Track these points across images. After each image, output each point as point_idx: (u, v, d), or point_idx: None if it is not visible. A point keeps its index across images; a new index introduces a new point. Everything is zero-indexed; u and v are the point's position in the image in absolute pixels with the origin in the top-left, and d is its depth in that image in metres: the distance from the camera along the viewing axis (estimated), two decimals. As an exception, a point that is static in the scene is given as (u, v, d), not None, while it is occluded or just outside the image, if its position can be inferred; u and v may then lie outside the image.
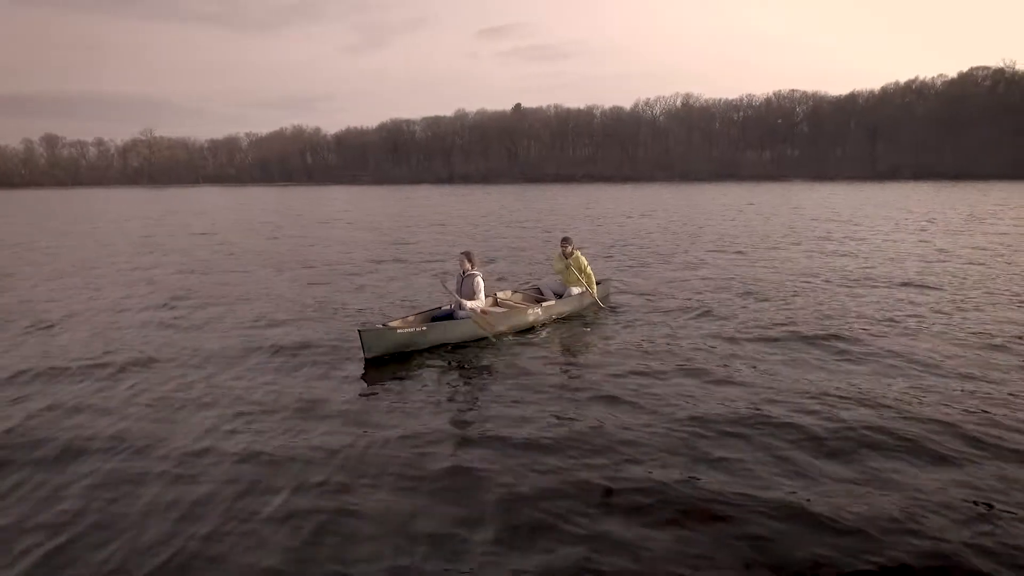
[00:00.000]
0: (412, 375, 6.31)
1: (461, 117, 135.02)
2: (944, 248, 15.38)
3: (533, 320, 8.09)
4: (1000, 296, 9.47)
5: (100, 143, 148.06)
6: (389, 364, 6.58)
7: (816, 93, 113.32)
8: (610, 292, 9.83)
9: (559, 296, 8.89)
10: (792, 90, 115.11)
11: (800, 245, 16.65)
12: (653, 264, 13.74)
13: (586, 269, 8.98)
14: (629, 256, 15.20)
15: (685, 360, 6.55)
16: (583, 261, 9.01)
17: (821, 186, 71.11)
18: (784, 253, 15.10)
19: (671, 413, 5.13)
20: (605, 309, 8.95)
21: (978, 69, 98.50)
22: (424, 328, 7.04)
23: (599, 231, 22.11)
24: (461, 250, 8.36)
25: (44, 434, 4.86)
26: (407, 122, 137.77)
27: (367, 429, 4.93)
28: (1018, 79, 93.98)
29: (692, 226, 23.22)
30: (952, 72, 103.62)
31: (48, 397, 5.69)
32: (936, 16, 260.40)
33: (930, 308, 8.71)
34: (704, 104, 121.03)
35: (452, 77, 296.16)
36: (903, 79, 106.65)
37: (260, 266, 14.16)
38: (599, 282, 9.39)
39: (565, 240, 9.11)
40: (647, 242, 18.23)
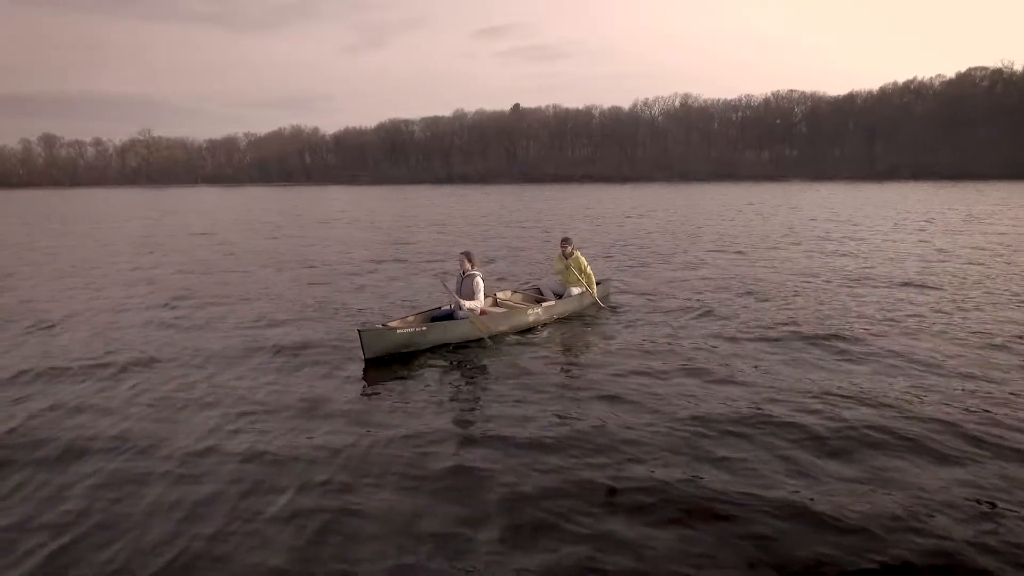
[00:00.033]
0: (413, 375, 6.32)
1: (460, 117, 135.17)
2: (943, 248, 15.40)
3: (533, 320, 8.09)
4: (1000, 296, 9.49)
5: (98, 143, 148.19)
6: (390, 364, 6.57)
7: (814, 93, 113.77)
8: (610, 292, 9.83)
9: (559, 296, 8.89)
10: (790, 90, 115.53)
11: (800, 245, 16.68)
12: (653, 264, 13.75)
13: (586, 269, 8.98)
14: (629, 256, 15.21)
15: (686, 360, 6.56)
16: (583, 261, 9.02)
17: (820, 186, 71.17)
18: (784, 253, 15.11)
19: (673, 412, 5.14)
20: (605, 309, 8.96)
21: (976, 69, 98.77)
22: (424, 328, 7.04)
23: (599, 231, 22.12)
24: (461, 250, 8.36)
25: (46, 434, 4.86)
26: (406, 122, 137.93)
27: (369, 429, 4.94)
28: (1016, 79, 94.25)
29: (691, 226, 23.24)
30: (950, 72, 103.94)
31: (50, 397, 5.69)
32: (936, 16, 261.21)
33: (930, 308, 8.72)
34: (703, 104, 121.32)
35: (450, 77, 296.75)
36: (902, 79, 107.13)
37: (260, 266, 14.15)
38: (599, 282, 9.39)
39: (565, 240, 9.11)
40: (647, 242, 18.25)
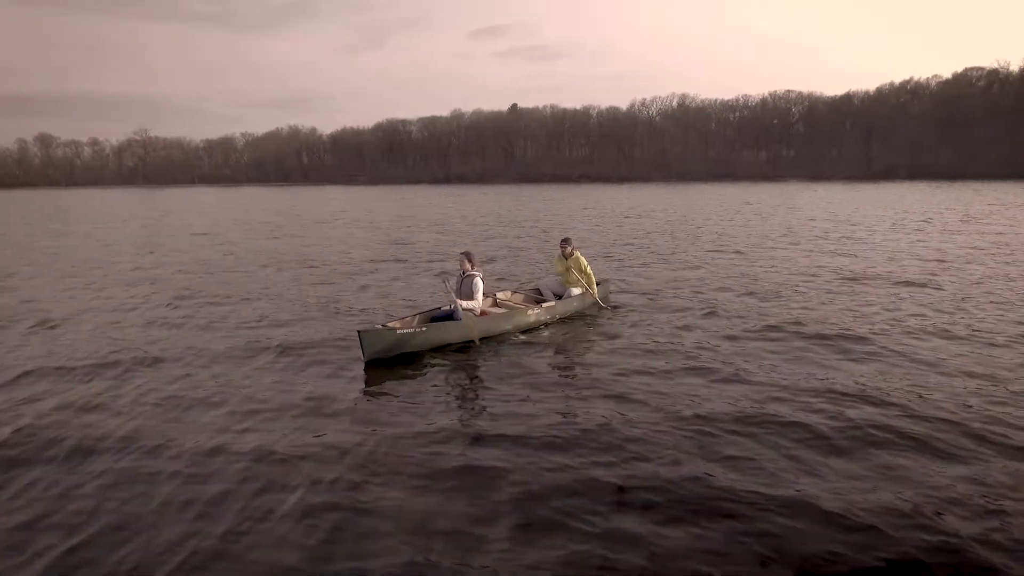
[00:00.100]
0: (417, 375, 6.33)
1: (457, 117, 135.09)
2: (942, 248, 15.47)
3: (534, 321, 8.09)
4: (1000, 295, 9.54)
5: (95, 143, 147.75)
6: (394, 364, 6.58)
7: (812, 94, 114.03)
8: (610, 292, 9.83)
9: (559, 297, 8.88)
10: (788, 90, 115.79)
11: (799, 245, 16.73)
12: (653, 264, 13.79)
13: (586, 269, 8.97)
14: (629, 256, 15.24)
15: (689, 359, 6.59)
16: (583, 262, 9.00)
17: (817, 186, 71.29)
18: (783, 253, 15.16)
19: (678, 411, 5.16)
20: (606, 309, 8.98)
21: (973, 70, 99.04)
22: (424, 328, 7.03)
23: (598, 231, 22.15)
24: (461, 250, 8.37)
25: (55, 433, 4.86)
26: (403, 122, 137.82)
27: (376, 428, 4.95)
28: (1012, 80, 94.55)
29: (690, 226, 23.28)
30: (947, 73, 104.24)
31: (57, 396, 5.69)
32: (936, 16, 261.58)
33: (931, 307, 8.77)
34: (700, 104, 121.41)
35: (449, 77, 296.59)
36: (900, 80, 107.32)
37: (261, 266, 14.15)
38: (599, 283, 9.37)
39: (565, 241, 9.10)
40: (646, 242, 18.28)
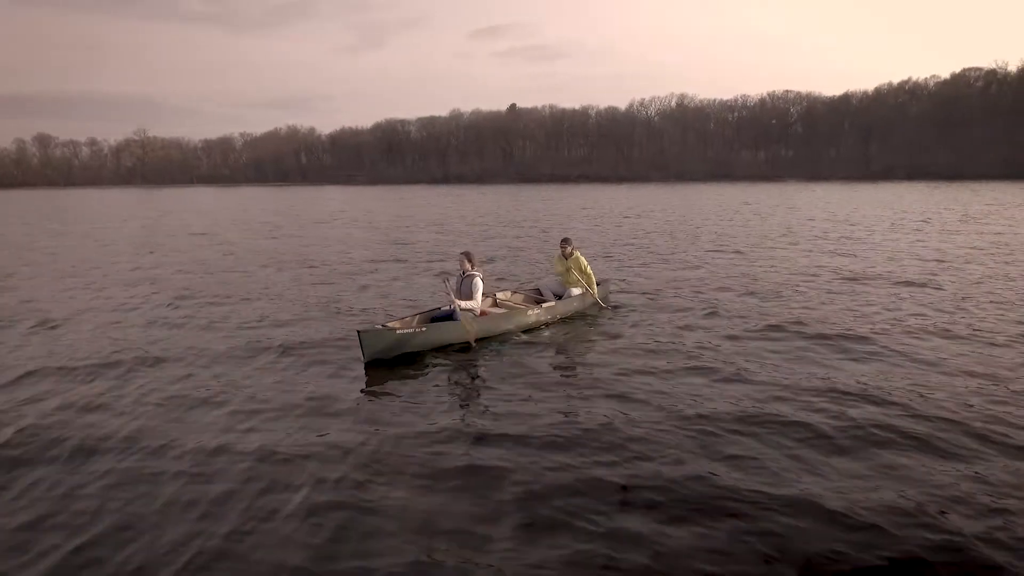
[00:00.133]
0: (419, 374, 6.34)
1: (456, 117, 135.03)
2: (941, 247, 15.49)
3: (534, 321, 8.08)
4: (1000, 295, 9.56)
5: (93, 143, 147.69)
6: (395, 364, 6.58)
7: (810, 94, 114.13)
8: (610, 292, 9.82)
9: (559, 297, 8.87)
10: (786, 91, 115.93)
11: (798, 245, 16.75)
12: (653, 264, 13.80)
13: (586, 270, 8.96)
14: (629, 256, 15.25)
15: (690, 358, 6.60)
16: (583, 262, 9.00)
17: (815, 186, 71.38)
18: (783, 252, 15.19)
19: (680, 411, 5.17)
20: (607, 309, 8.99)
21: (971, 70, 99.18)
22: (424, 328, 7.01)
23: (597, 231, 22.17)
24: (461, 250, 8.37)
25: (58, 433, 4.86)
26: (402, 122, 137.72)
27: (378, 428, 4.96)
28: (1010, 80, 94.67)
29: (690, 226, 23.30)
30: (945, 73, 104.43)
31: (59, 397, 5.69)
32: (936, 16, 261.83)
33: (931, 307, 8.79)
34: (699, 104, 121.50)
35: (448, 77, 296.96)
36: (897, 80, 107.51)
37: (261, 266, 14.15)
38: (599, 283, 9.36)
39: (565, 241, 9.09)
40: (646, 242, 18.30)
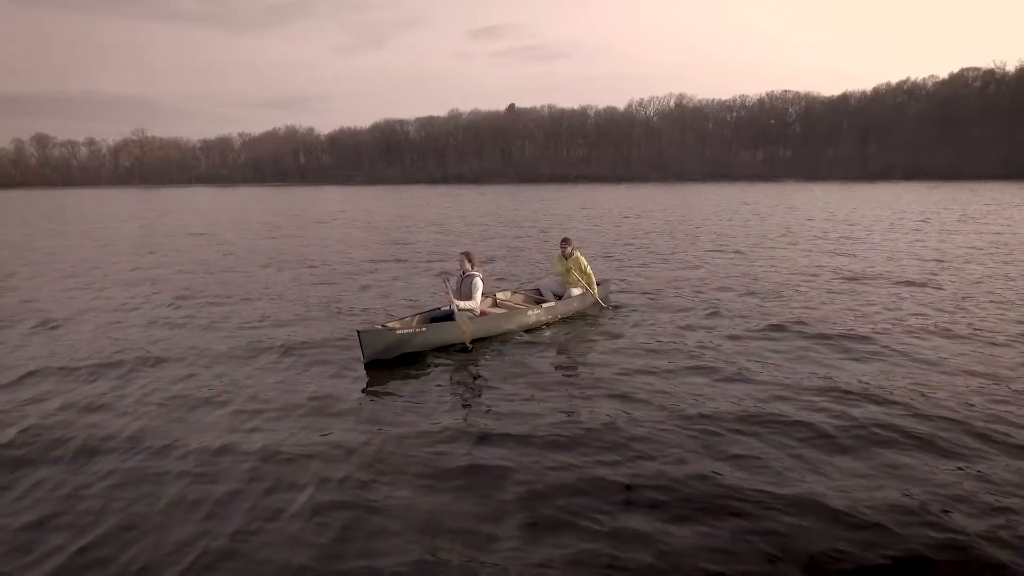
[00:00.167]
0: (421, 374, 6.34)
1: (455, 117, 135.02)
2: (941, 247, 15.52)
3: (534, 321, 8.07)
4: (1000, 294, 9.58)
5: (91, 143, 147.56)
6: (396, 364, 6.57)
7: (808, 94, 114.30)
8: (610, 292, 9.83)
9: (559, 297, 8.85)
10: (785, 91, 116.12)
11: (798, 245, 16.77)
12: (653, 264, 13.81)
13: (586, 270, 8.95)
14: (629, 256, 15.27)
15: (692, 358, 6.61)
16: (583, 262, 8.98)
17: (814, 186, 71.48)
18: (783, 252, 15.20)
19: (682, 410, 5.17)
20: (608, 309, 8.99)
21: (969, 70, 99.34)
22: (424, 329, 6.99)
23: (596, 231, 22.18)
24: (461, 250, 8.36)
25: (60, 434, 4.86)
26: (401, 122, 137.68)
27: (381, 427, 4.96)
28: (1008, 80, 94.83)
29: (689, 226, 23.32)
30: (943, 73, 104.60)
31: (61, 397, 5.69)
32: (936, 16, 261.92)
33: (932, 306, 8.80)
34: (697, 104, 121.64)
35: (446, 77, 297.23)
36: (896, 80, 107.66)
37: (261, 266, 14.14)
38: (599, 283, 9.35)
39: (565, 241, 9.07)
40: (646, 242, 18.31)
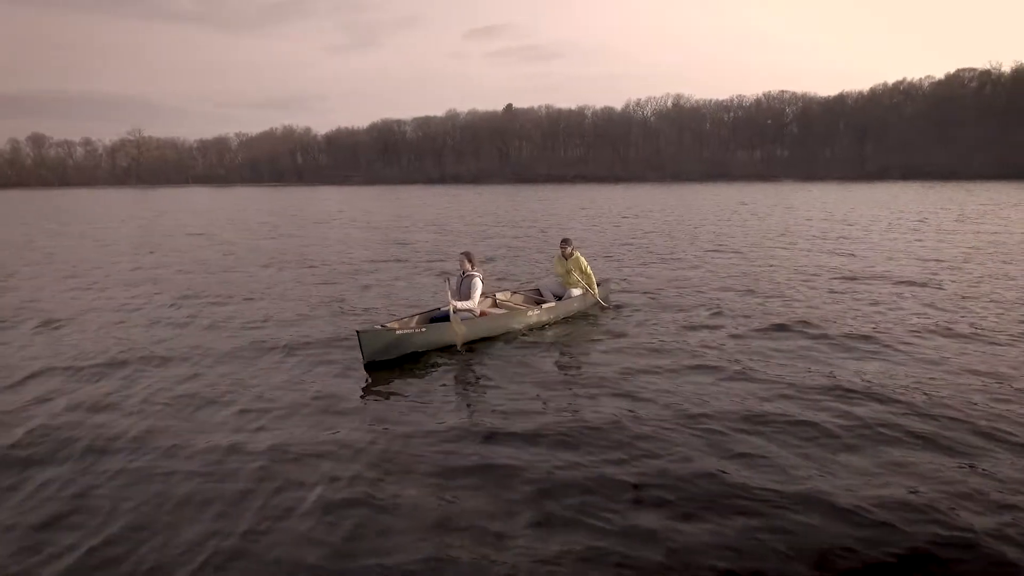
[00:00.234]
0: (426, 374, 6.35)
1: (452, 117, 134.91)
2: (939, 247, 15.58)
3: (535, 322, 8.06)
4: (1000, 294, 9.63)
5: (88, 143, 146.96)
6: (400, 363, 6.58)
7: (806, 94, 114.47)
8: (611, 292, 9.84)
9: (559, 297, 8.83)
10: (782, 91, 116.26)
11: (797, 245, 16.82)
12: (653, 264, 13.84)
13: (586, 270, 8.95)
14: (628, 256, 15.29)
15: (695, 357, 6.63)
16: (583, 262, 8.97)
17: (811, 186, 71.60)
18: (783, 252, 15.24)
19: (686, 409, 5.19)
20: (609, 309, 9.01)
21: (965, 70, 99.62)
22: (424, 329, 6.98)
23: (595, 231, 22.21)
24: (461, 250, 8.37)
25: (68, 433, 4.86)
26: (398, 122, 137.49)
27: (388, 426, 4.98)
28: (1004, 81, 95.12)
29: (688, 226, 23.36)
30: (940, 73, 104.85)
31: (66, 397, 5.68)
32: (936, 16, 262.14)
33: (932, 306, 8.85)
34: (695, 105, 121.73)
35: (443, 77, 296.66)
36: (892, 80, 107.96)
37: (262, 266, 14.14)
38: (599, 282, 9.34)
39: (565, 241, 9.06)
40: (645, 242, 18.34)
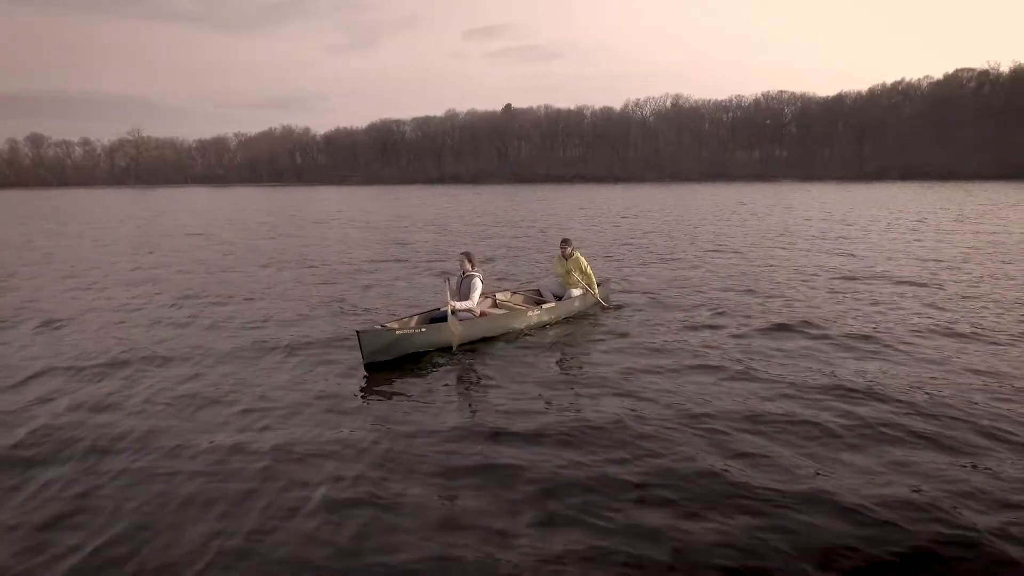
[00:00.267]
0: (428, 374, 6.36)
1: (451, 117, 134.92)
2: (938, 247, 15.61)
3: (535, 322, 8.06)
4: (999, 294, 9.64)
5: (86, 143, 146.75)
6: (402, 363, 6.58)
7: (804, 94, 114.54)
8: (611, 292, 9.84)
9: (559, 298, 8.82)
10: (780, 91, 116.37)
11: (797, 245, 16.84)
12: (654, 264, 13.85)
13: (587, 270, 8.94)
14: (628, 256, 15.31)
15: (696, 357, 6.64)
16: (583, 262, 8.97)
17: (810, 186, 71.67)
18: (782, 252, 15.26)
19: (688, 409, 5.20)
20: (610, 309, 9.01)
21: (963, 71, 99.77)
22: (424, 329, 6.97)
23: (595, 231, 22.22)
24: (461, 250, 8.37)
25: (71, 433, 4.86)
26: (397, 122, 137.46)
27: (391, 426, 4.98)
28: (1003, 81, 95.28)
29: (687, 226, 23.38)
30: (938, 74, 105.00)
31: (68, 397, 5.68)
32: (936, 16, 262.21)
33: (933, 305, 8.86)
34: (693, 105, 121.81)
35: (443, 77, 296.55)
36: (891, 80, 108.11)
37: (261, 266, 14.14)
38: (599, 283, 9.34)
39: (565, 242, 9.05)
40: (645, 242, 18.36)
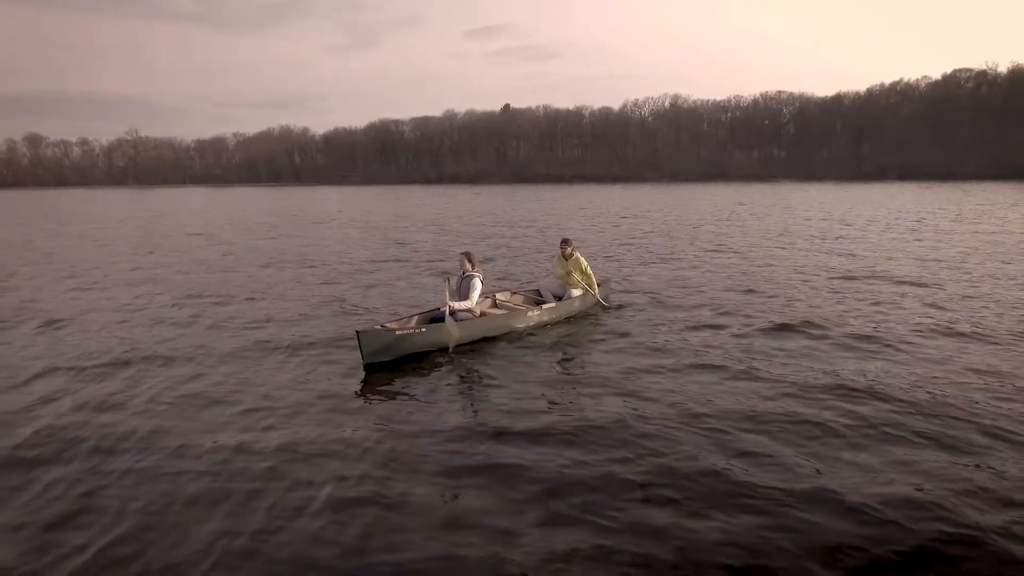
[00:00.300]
0: (429, 374, 6.36)
1: (450, 117, 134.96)
2: (938, 247, 15.64)
3: (535, 322, 8.06)
4: (999, 294, 9.67)
5: (84, 143, 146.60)
6: (404, 363, 6.59)
7: (803, 94, 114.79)
8: (611, 292, 9.85)
9: (559, 298, 8.81)
10: (779, 91, 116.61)
11: (796, 244, 16.87)
12: (653, 264, 13.86)
13: (587, 270, 8.93)
14: (628, 256, 15.32)
15: (698, 356, 6.65)
16: (583, 262, 8.96)
17: (808, 186, 71.76)
18: (782, 252, 15.28)
19: (691, 408, 5.21)
20: (610, 308, 9.02)
21: (961, 71, 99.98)
22: (424, 329, 6.96)
23: (595, 231, 22.23)
24: (461, 250, 8.37)
25: (75, 433, 4.86)
26: (396, 122, 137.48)
27: (394, 426, 4.99)
28: (1000, 81, 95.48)
29: (687, 226, 23.41)
30: (936, 74, 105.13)
31: (71, 396, 5.69)
32: (936, 16, 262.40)
33: (933, 305, 8.89)
34: (692, 105, 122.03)
35: (442, 77, 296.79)
36: (889, 80, 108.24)
37: (262, 266, 14.14)
38: (600, 283, 9.32)
39: (565, 242, 9.04)
40: (645, 242, 18.37)
